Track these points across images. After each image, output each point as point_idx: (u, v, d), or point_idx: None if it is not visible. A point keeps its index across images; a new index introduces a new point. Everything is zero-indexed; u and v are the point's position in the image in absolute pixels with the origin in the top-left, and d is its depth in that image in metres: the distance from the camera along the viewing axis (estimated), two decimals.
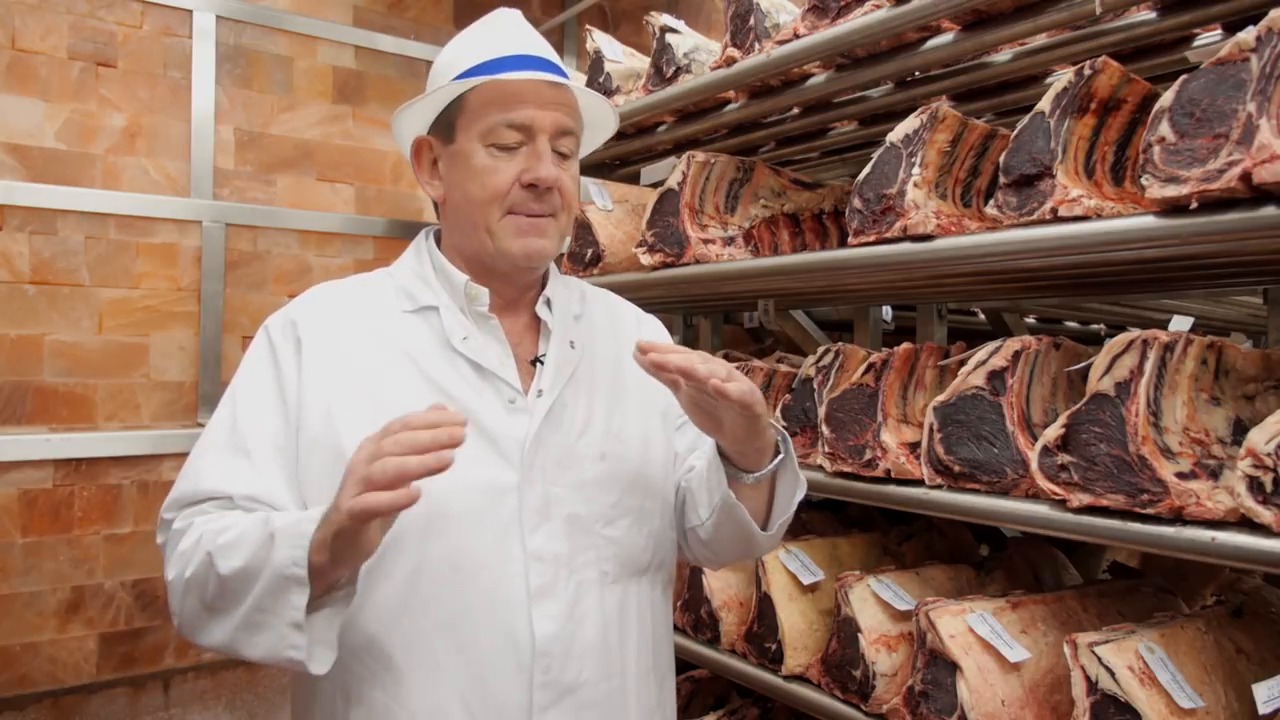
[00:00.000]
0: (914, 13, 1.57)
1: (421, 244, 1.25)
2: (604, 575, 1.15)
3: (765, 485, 1.18)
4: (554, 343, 1.20)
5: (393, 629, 1.07)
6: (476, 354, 1.14)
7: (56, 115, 2.64)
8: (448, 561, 1.08)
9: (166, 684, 2.76)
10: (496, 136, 1.12)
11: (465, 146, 1.14)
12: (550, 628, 1.09)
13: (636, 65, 2.42)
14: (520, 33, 1.20)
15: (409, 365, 1.14)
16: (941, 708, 1.42)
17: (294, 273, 3.03)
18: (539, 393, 1.16)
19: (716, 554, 1.28)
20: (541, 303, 1.23)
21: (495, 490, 1.10)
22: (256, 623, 0.96)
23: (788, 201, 2.08)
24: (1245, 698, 1.29)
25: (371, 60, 3.20)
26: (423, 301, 1.18)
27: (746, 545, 1.23)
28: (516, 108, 1.12)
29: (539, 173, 1.12)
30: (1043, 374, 1.51)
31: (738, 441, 1.11)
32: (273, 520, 0.98)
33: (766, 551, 1.28)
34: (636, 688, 1.17)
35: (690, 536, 1.27)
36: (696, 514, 1.23)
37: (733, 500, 1.15)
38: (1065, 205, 1.32)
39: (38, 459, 2.56)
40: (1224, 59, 1.14)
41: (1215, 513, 1.16)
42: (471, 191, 1.14)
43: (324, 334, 1.15)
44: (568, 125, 1.16)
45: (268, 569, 0.94)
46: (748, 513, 1.16)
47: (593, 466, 1.17)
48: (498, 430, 1.12)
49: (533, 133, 1.13)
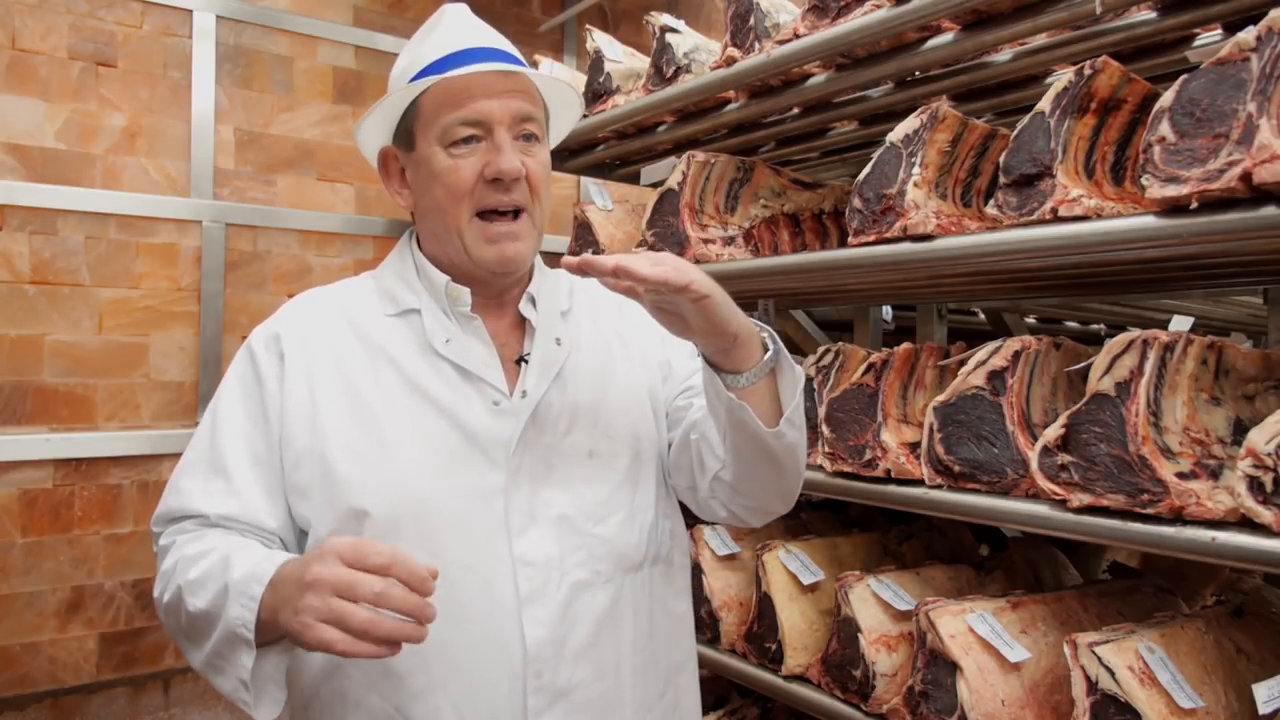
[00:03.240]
0: (914, 12, 1.57)
1: (405, 245, 1.24)
2: (596, 575, 1.13)
3: (767, 390, 1.08)
4: (539, 341, 1.18)
5: None
6: (459, 356, 1.13)
7: (57, 115, 2.64)
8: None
9: (166, 684, 2.76)
10: (453, 136, 1.10)
11: (425, 152, 1.13)
12: (541, 632, 1.08)
13: (637, 65, 2.42)
14: (465, 26, 1.18)
15: (392, 370, 1.13)
16: (941, 708, 1.42)
17: (294, 273, 3.03)
18: (523, 393, 1.14)
19: (748, 497, 1.18)
20: (525, 300, 1.21)
21: (481, 494, 1.10)
22: (216, 666, 1.00)
23: (788, 201, 2.08)
24: (1245, 698, 1.29)
25: (371, 60, 3.20)
26: (405, 305, 1.17)
27: (770, 467, 1.13)
28: (468, 103, 1.10)
29: (500, 164, 1.09)
30: (1043, 374, 1.51)
31: (705, 335, 1.03)
32: (231, 567, 0.99)
33: (794, 479, 1.17)
34: (632, 684, 1.16)
35: (718, 489, 1.18)
36: (714, 455, 1.15)
37: (736, 405, 1.05)
38: (1065, 205, 1.32)
39: (38, 459, 2.56)
40: (1224, 59, 1.14)
41: (1215, 513, 1.16)
42: (437, 195, 1.12)
43: (307, 344, 1.14)
44: (525, 111, 1.13)
45: (222, 621, 0.97)
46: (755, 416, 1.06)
47: (581, 465, 1.16)
48: (483, 433, 1.11)
49: (489, 126, 1.10)
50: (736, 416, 1.06)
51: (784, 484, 1.18)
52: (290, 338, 1.15)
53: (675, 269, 0.95)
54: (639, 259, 0.96)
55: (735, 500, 1.18)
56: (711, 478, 1.17)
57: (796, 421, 1.11)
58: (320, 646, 0.87)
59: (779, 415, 1.09)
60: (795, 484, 1.19)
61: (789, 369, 1.09)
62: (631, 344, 1.28)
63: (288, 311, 1.20)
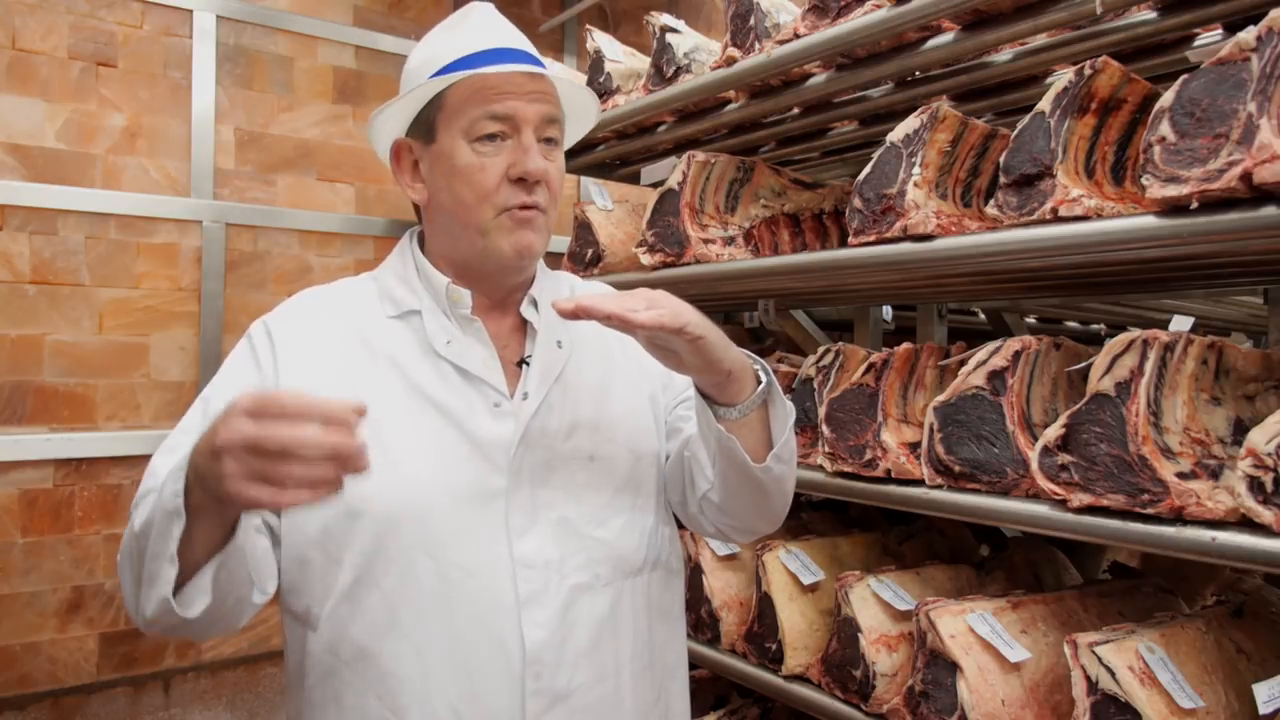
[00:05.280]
0: (914, 12, 1.57)
1: (405, 246, 1.23)
2: (596, 578, 1.13)
3: (758, 422, 1.11)
4: (540, 343, 1.18)
5: (383, 638, 1.06)
6: (460, 358, 1.13)
7: (57, 115, 2.64)
8: (434, 570, 1.06)
9: (167, 684, 2.76)
10: (480, 130, 1.10)
11: (447, 145, 1.12)
12: (540, 635, 1.08)
13: (637, 65, 2.42)
14: (494, 25, 1.18)
15: (393, 371, 1.12)
16: (942, 708, 1.42)
17: (294, 273, 3.03)
18: (524, 395, 1.14)
19: (735, 519, 1.21)
20: (527, 303, 1.21)
21: (482, 496, 1.09)
22: (151, 574, 0.91)
23: (788, 201, 2.08)
24: (1246, 698, 1.29)
25: (372, 60, 3.20)
26: (405, 306, 1.17)
27: (757, 495, 1.16)
28: (498, 100, 1.09)
29: (527, 165, 1.09)
30: (1043, 374, 1.51)
31: (698, 371, 1.05)
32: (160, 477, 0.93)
33: (780, 505, 1.21)
34: (631, 688, 1.16)
35: (706, 507, 1.21)
36: (704, 476, 1.18)
37: (726, 437, 1.08)
38: (1065, 205, 1.32)
39: (38, 459, 2.56)
40: (1224, 59, 1.14)
41: (1216, 513, 1.16)
42: (459, 192, 1.11)
43: (304, 341, 1.14)
44: (551, 114, 1.14)
45: (158, 512, 0.89)
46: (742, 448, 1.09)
47: (582, 468, 1.16)
48: (483, 435, 1.11)
49: (517, 124, 1.10)
50: (725, 447, 1.09)
51: (770, 510, 1.21)
52: (290, 331, 1.14)
53: (671, 312, 0.97)
54: (635, 301, 0.97)
55: (722, 519, 1.22)
56: (701, 496, 1.20)
57: (785, 456, 1.14)
58: (252, 504, 0.81)
59: (769, 446, 1.12)
60: (782, 510, 1.23)
61: (780, 403, 1.12)
62: (632, 349, 1.27)
63: (288, 307, 1.19)
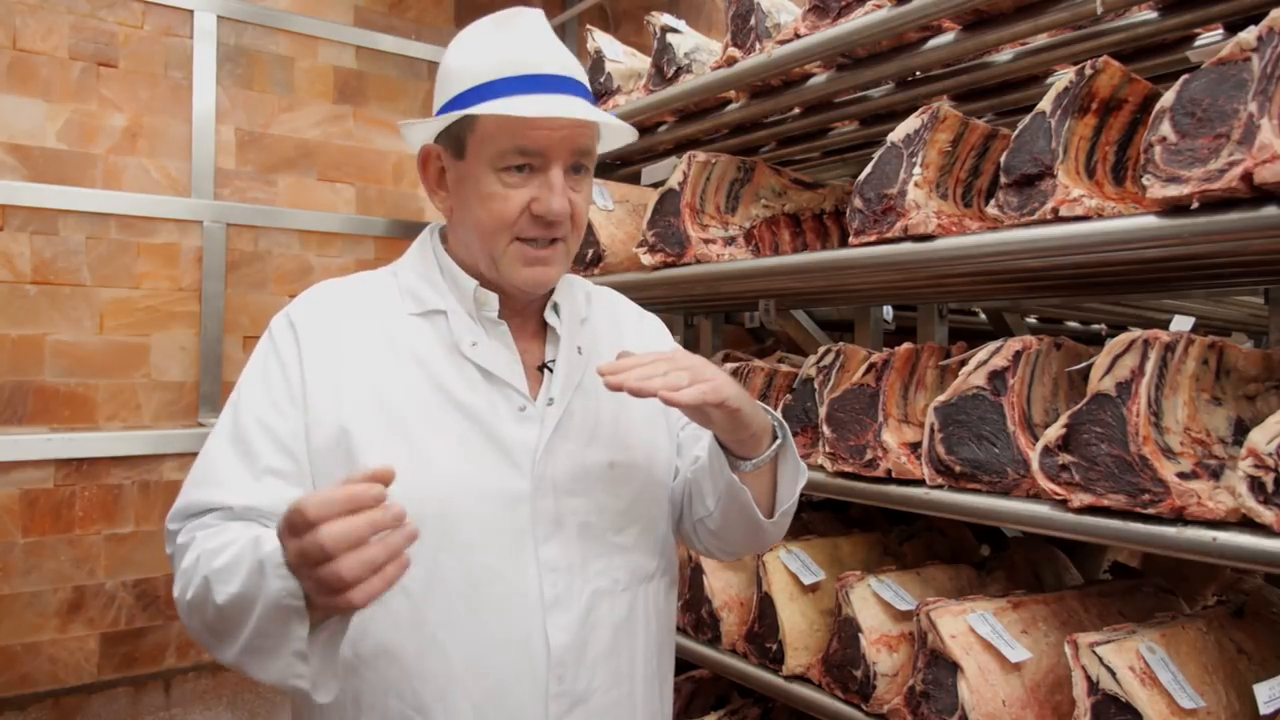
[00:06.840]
0: (915, 12, 1.57)
1: (427, 243, 1.22)
2: (615, 583, 1.15)
3: (767, 473, 1.16)
4: (563, 349, 1.18)
5: (406, 639, 1.06)
6: (486, 360, 1.13)
7: (57, 115, 2.64)
8: (460, 572, 1.07)
9: (167, 684, 2.76)
10: (508, 161, 1.07)
11: (474, 169, 1.10)
12: (564, 638, 1.09)
13: (637, 65, 2.42)
14: (540, 44, 1.12)
15: (417, 369, 1.12)
16: (942, 708, 1.42)
17: (295, 273, 3.03)
18: (550, 401, 1.14)
19: (727, 545, 1.26)
20: (550, 308, 1.20)
21: (508, 499, 1.09)
22: (261, 648, 0.92)
23: (788, 201, 2.08)
24: (1246, 698, 1.29)
25: (372, 60, 3.20)
26: (430, 305, 1.15)
27: (754, 534, 1.21)
28: (528, 132, 1.06)
29: (549, 205, 1.07)
30: (1044, 374, 1.51)
31: (725, 432, 1.10)
32: (261, 544, 0.92)
33: (775, 539, 1.26)
34: (644, 693, 1.18)
35: (700, 529, 1.25)
36: (704, 504, 1.21)
37: (737, 487, 1.13)
38: (1066, 205, 1.32)
39: (38, 459, 2.56)
40: (1225, 59, 1.13)
41: (1216, 513, 1.15)
42: (479, 217, 1.10)
43: (325, 333, 1.12)
44: (583, 146, 1.10)
45: (263, 598, 0.89)
46: (752, 499, 1.14)
47: (603, 475, 1.16)
48: (508, 438, 1.11)
49: (547, 160, 1.08)
50: (734, 492, 1.14)
51: (763, 545, 1.30)
52: (313, 325, 1.13)
53: (713, 387, 1.02)
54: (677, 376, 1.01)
55: (714, 543, 1.27)
56: (697, 519, 1.25)
57: (789, 510, 1.20)
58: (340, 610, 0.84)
59: (774, 494, 1.18)
60: (775, 541, 1.30)
61: (792, 461, 1.18)
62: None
63: (309, 301, 1.17)
